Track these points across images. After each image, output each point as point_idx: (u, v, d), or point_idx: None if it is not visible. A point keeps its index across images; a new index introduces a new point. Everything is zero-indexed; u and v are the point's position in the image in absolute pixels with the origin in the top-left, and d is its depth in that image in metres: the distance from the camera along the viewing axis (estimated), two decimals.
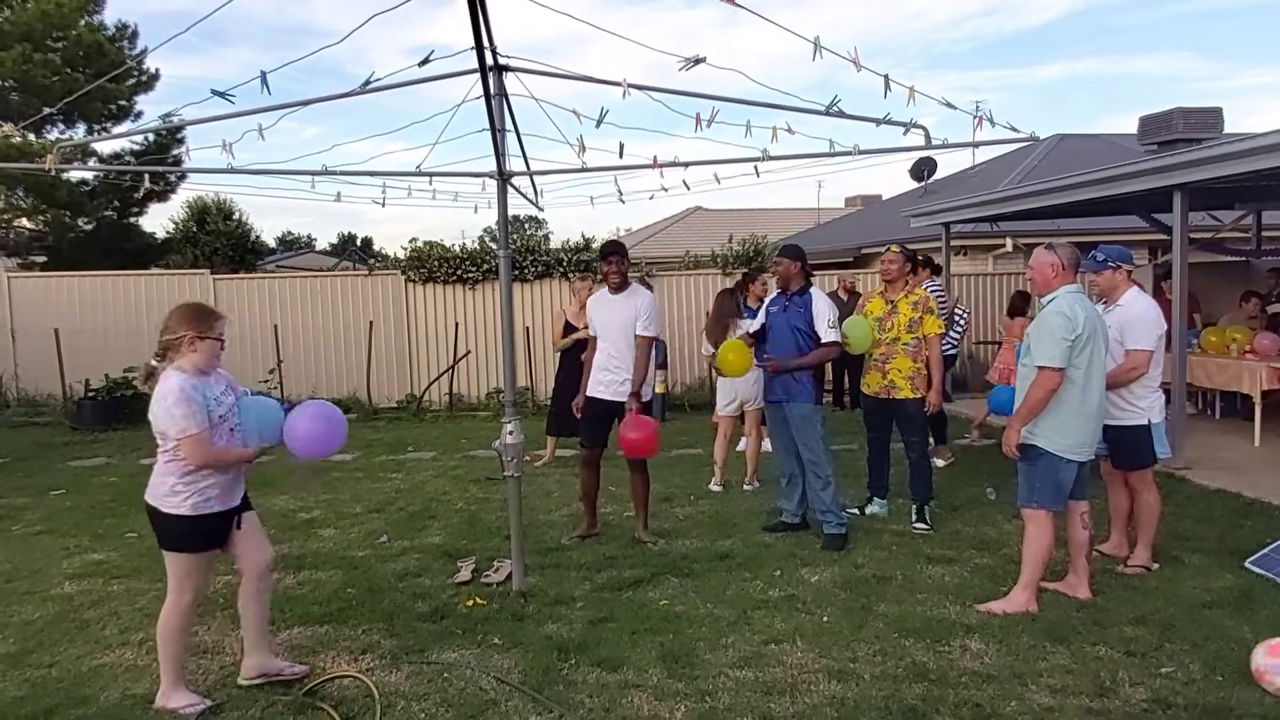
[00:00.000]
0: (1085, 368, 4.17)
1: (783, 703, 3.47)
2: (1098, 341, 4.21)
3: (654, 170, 5.20)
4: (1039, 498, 4.31)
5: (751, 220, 23.48)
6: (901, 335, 5.77)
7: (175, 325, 3.47)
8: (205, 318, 3.52)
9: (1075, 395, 4.19)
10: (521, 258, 12.89)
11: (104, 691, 3.73)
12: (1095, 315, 4.26)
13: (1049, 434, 4.25)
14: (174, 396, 3.36)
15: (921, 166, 19.62)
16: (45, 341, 11.76)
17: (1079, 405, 4.20)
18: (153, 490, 3.52)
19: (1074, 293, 4.26)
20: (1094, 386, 4.23)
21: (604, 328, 5.62)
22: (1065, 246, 4.39)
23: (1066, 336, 4.10)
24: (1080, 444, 4.26)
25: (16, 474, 8.42)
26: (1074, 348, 4.12)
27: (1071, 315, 4.13)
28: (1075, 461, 4.28)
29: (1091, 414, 4.25)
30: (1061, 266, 4.30)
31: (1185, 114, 14.96)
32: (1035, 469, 4.30)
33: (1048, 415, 4.23)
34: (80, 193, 17.23)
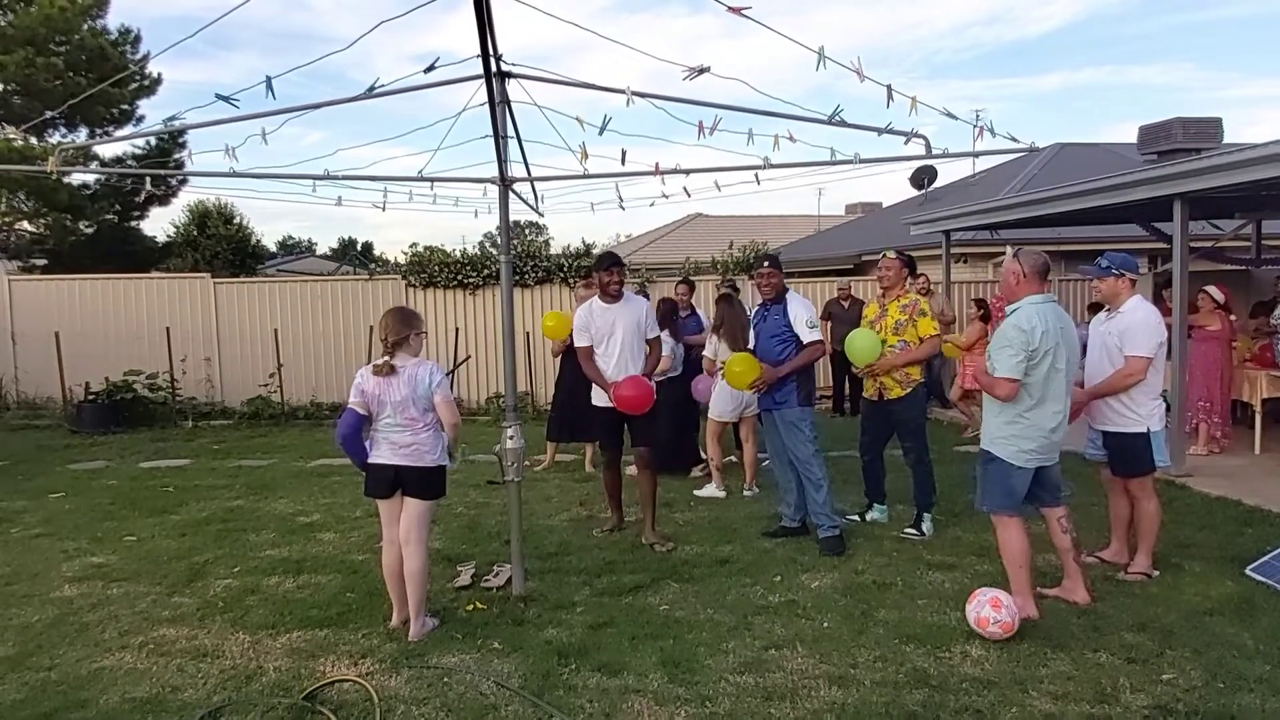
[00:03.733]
0: (1040, 380, 4.16)
1: (783, 708, 3.46)
2: (1059, 354, 4.17)
3: (655, 177, 5.23)
4: (989, 501, 4.37)
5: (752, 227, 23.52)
6: (889, 339, 5.78)
7: (400, 327, 4.26)
8: (417, 318, 4.39)
9: (1029, 403, 4.20)
10: (522, 263, 12.90)
11: (103, 695, 3.72)
12: (1058, 329, 4.19)
13: (1000, 441, 4.29)
14: (440, 371, 4.31)
15: (922, 175, 19.60)
16: (45, 344, 11.75)
17: (1032, 415, 4.21)
18: (420, 457, 4.26)
19: (1037, 303, 4.23)
20: (1051, 396, 4.20)
21: (608, 336, 5.60)
22: (1031, 254, 4.38)
23: (1021, 350, 4.11)
24: (1033, 452, 4.25)
25: (16, 477, 8.41)
26: (1029, 360, 4.12)
27: (1029, 329, 4.12)
28: (1027, 469, 4.27)
29: (1045, 424, 4.22)
30: (1024, 274, 4.29)
31: (1185, 124, 14.95)
32: (987, 473, 4.36)
33: (1001, 422, 4.28)
34: (81, 196, 17.21)
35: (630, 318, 5.61)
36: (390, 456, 4.25)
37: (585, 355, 5.71)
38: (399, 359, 4.23)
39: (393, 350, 4.23)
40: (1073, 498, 6.50)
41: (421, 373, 4.22)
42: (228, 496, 7.41)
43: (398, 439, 4.23)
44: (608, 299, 5.63)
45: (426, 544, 4.37)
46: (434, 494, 4.35)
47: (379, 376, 4.19)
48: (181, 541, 6.04)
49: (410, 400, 4.18)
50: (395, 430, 4.23)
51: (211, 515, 6.75)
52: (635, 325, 5.62)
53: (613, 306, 5.62)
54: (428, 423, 4.26)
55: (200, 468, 8.81)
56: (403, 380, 4.18)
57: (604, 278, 5.62)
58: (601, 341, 5.64)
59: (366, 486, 4.40)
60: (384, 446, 4.27)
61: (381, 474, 4.29)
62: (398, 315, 4.32)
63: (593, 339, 5.66)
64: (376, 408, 4.24)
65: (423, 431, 4.25)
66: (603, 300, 5.66)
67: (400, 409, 4.19)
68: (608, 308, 5.63)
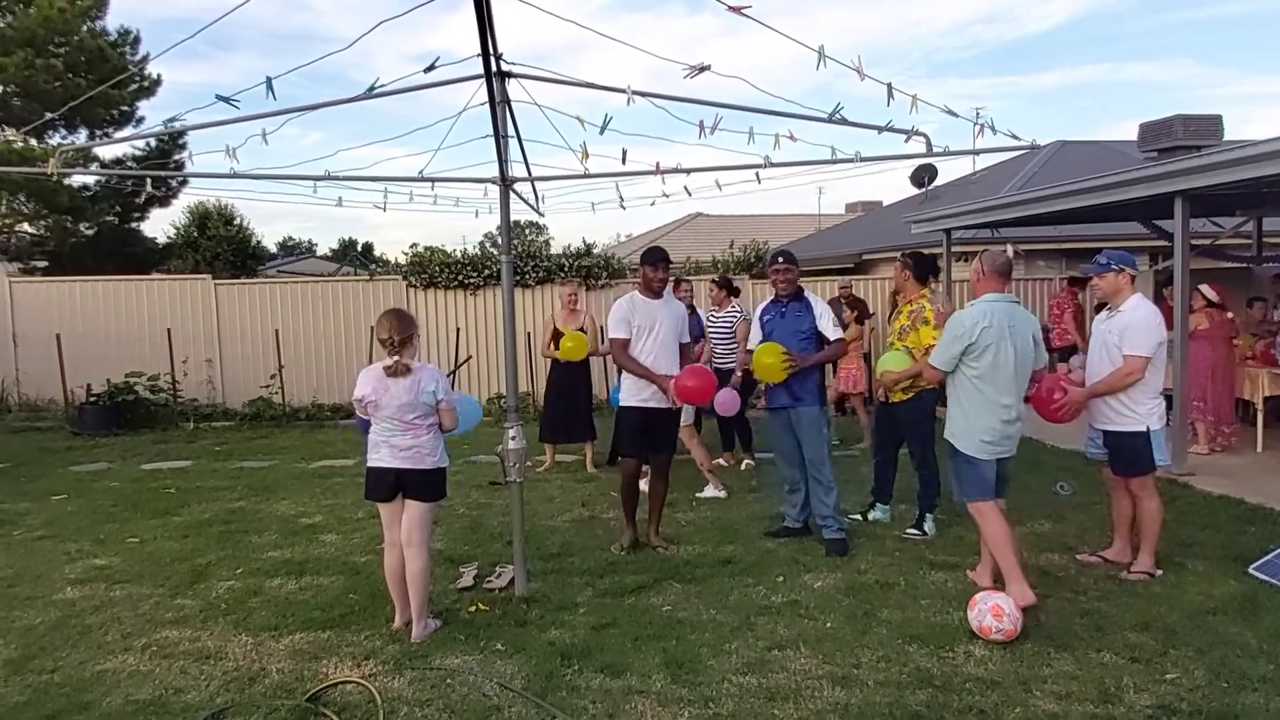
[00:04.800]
0: (985, 372, 4.46)
1: (786, 709, 3.46)
2: (1002, 350, 4.44)
3: (656, 176, 5.22)
4: (965, 492, 4.59)
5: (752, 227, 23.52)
6: (895, 343, 5.79)
7: (407, 326, 4.27)
8: (414, 319, 4.40)
9: (976, 396, 4.50)
10: (523, 263, 12.90)
11: (106, 697, 3.72)
12: (1006, 326, 4.45)
13: (959, 434, 4.57)
14: (443, 377, 4.35)
15: (922, 173, 19.60)
16: (46, 346, 11.76)
17: (984, 407, 4.48)
18: (420, 459, 4.25)
19: (989, 301, 4.54)
20: (999, 392, 4.46)
21: (649, 331, 5.51)
22: (992, 255, 4.70)
23: (957, 341, 4.47)
24: (990, 444, 4.49)
25: (18, 479, 8.41)
26: (969, 352, 4.45)
27: (969, 325, 4.44)
28: (988, 460, 4.51)
29: (996, 416, 4.47)
30: (984, 273, 4.62)
31: (1185, 121, 14.91)
32: (957, 466, 4.62)
33: (956, 413, 4.60)
34: (82, 198, 17.21)
35: (672, 316, 5.59)
36: (391, 459, 4.25)
37: (620, 347, 5.55)
38: (407, 358, 4.22)
39: (400, 350, 4.21)
40: (1075, 496, 6.55)
41: (425, 379, 4.22)
42: (230, 498, 7.41)
43: (398, 442, 4.23)
44: (649, 294, 5.60)
45: (428, 546, 4.38)
46: (435, 496, 4.35)
47: (392, 378, 4.18)
48: (184, 543, 6.03)
49: (411, 405, 4.18)
50: (395, 433, 4.23)
51: (214, 517, 6.75)
52: (676, 324, 5.59)
53: (655, 302, 5.58)
54: (428, 426, 4.26)
55: (202, 469, 8.81)
56: (407, 384, 4.17)
57: (649, 272, 5.56)
58: (641, 336, 5.53)
59: (367, 490, 4.40)
60: (384, 449, 4.26)
61: (382, 477, 4.29)
62: (399, 315, 4.31)
63: (631, 332, 5.53)
64: (374, 412, 4.24)
65: (424, 434, 4.25)
66: (644, 294, 5.61)
67: (400, 413, 4.19)
68: (650, 302, 5.58)
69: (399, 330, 4.22)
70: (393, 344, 4.22)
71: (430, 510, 4.35)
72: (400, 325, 4.24)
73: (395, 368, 4.19)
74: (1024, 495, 6.65)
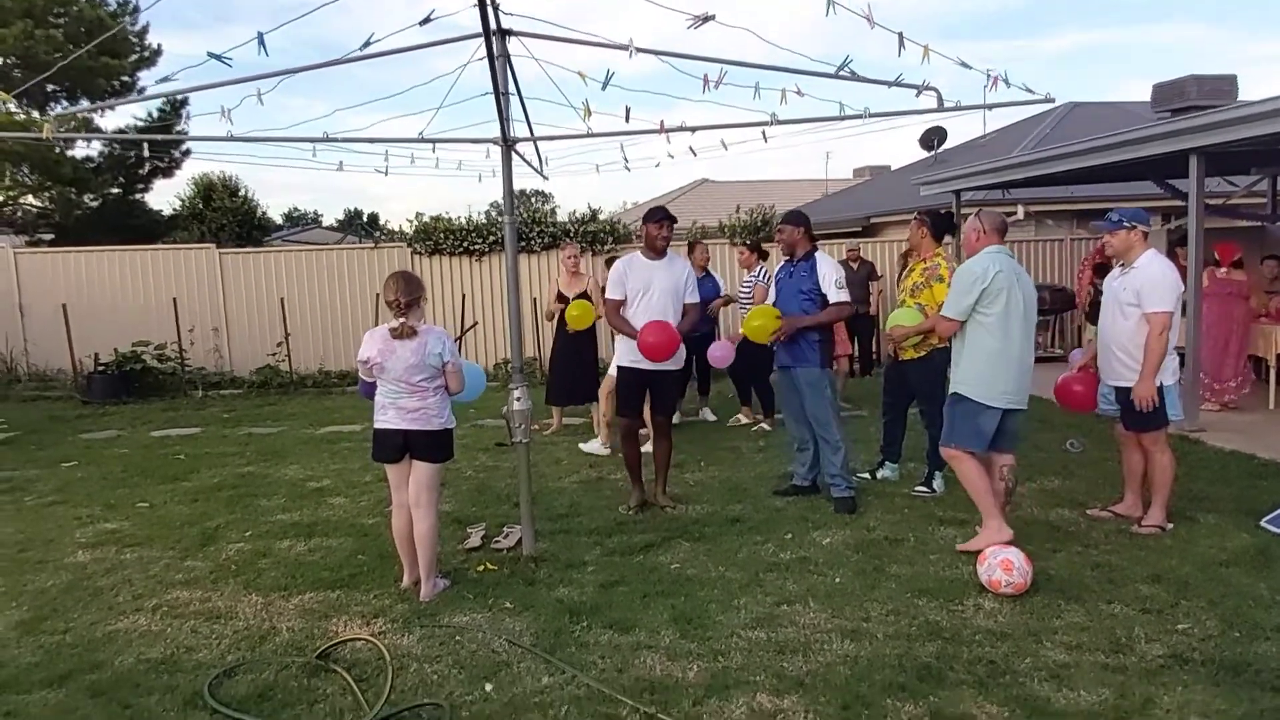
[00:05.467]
0: (999, 317, 4.50)
1: (795, 661, 3.46)
2: (1014, 294, 4.50)
3: (660, 136, 5.13)
4: (955, 438, 4.64)
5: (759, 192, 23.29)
6: (906, 300, 5.72)
7: (414, 288, 4.23)
8: (421, 282, 4.36)
9: (992, 344, 4.52)
10: (528, 229, 12.83)
11: (118, 656, 3.74)
12: (1013, 273, 4.54)
13: (970, 381, 4.59)
14: (450, 340, 4.30)
15: (931, 135, 19.41)
16: (53, 317, 11.76)
17: (998, 354, 4.52)
18: (428, 421, 4.23)
19: (992, 252, 4.61)
20: (1014, 337, 4.52)
21: (644, 293, 5.43)
22: (990, 214, 4.80)
23: (971, 289, 4.52)
24: (1001, 392, 4.53)
25: (29, 446, 8.46)
26: (983, 299, 4.50)
27: (981, 270, 4.51)
28: (996, 409, 4.54)
29: (1013, 363, 4.53)
30: (984, 231, 4.71)
31: (1199, 81, 14.65)
32: (955, 411, 4.64)
33: (970, 363, 4.60)
34: (85, 169, 17.17)
35: (670, 278, 5.46)
36: (398, 421, 4.23)
37: (613, 309, 5.53)
38: (413, 320, 4.19)
39: (406, 312, 4.17)
40: (1085, 453, 6.52)
41: (431, 341, 4.19)
42: (238, 463, 7.43)
43: (405, 404, 4.21)
44: (652, 254, 5.51)
45: (436, 506, 4.37)
46: (442, 457, 4.34)
47: (398, 339, 4.15)
48: (193, 507, 6.06)
49: (417, 368, 4.16)
50: (402, 395, 4.20)
51: (223, 481, 6.77)
52: (673, 286, 5.47)
53: (654, 263, 5.49)
54: (435, 388, 4.24)
55: (211, 435, 8.84)
56: (413, 346, 4.14)
57: (652, 230, 5.46)
58: (636, 298, 5.46)
59: (374, 451, 4.38)
60: (391, 411, 4.24)
61: (389, 439, 4.27)
62: (407, 277, 4.27)
63: (626, 293, 5.48)
64: (380, 375, 4.22)
65: (430, 396, 4.23)
66: (645, 255, 5.54)
67: (406, 375, 4.16)
68: (649, 263, 5.50)
69: (405, 292, 4.17)
70: (399, 306, 4.17)
71: (438, 471, 4.34)
72: (407, 287, 4.20)
73: (401, 329, 4.15)
74: (1034, 453, 6.64)
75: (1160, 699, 3.05)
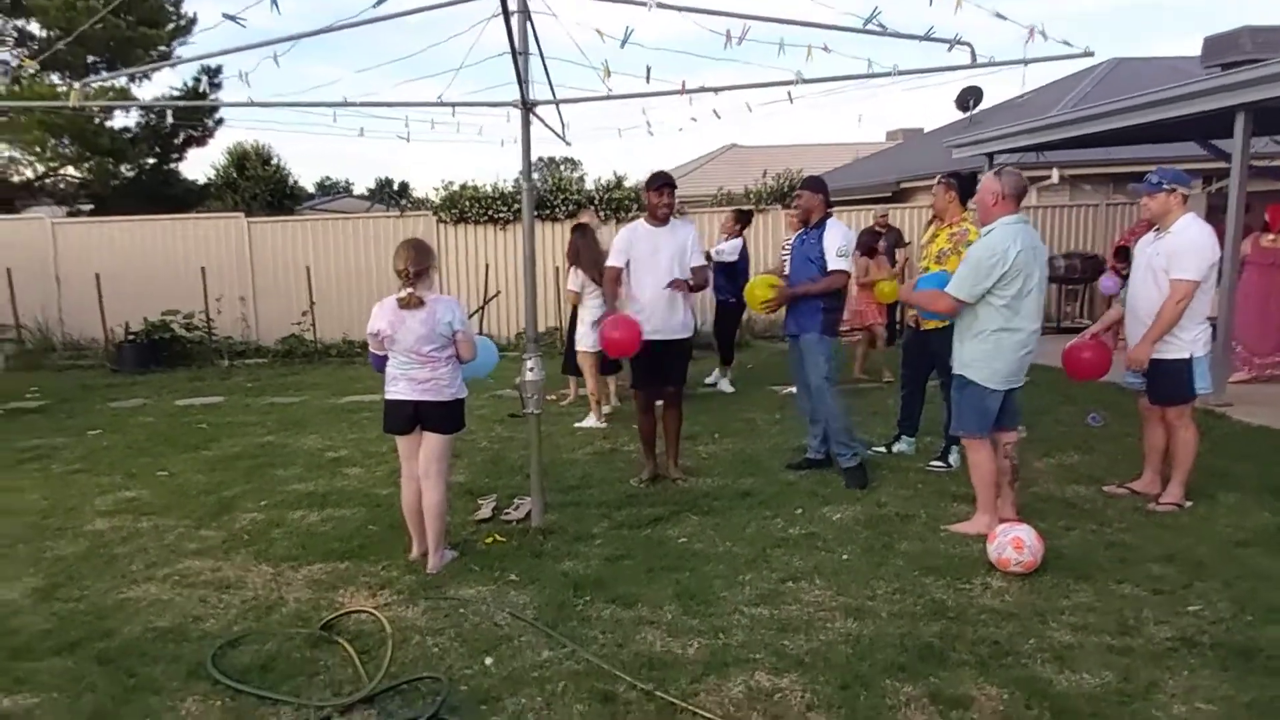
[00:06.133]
0: (1012, 301, 4.25)
1: (797, 640, 3.42)
2: (1033, 274, 4.24)
3: (683, 99, 5.00)
4: (964, 425, 4.50)
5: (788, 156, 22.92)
6: (930, 266, 5.57)
7: (422, 257, 4.19)
8: (432, 250, 4.31)
9: (1001, 326, 4.30)
10: (552, 196, 12.75)
11: (127, 625, 3.80)
12: (1031, 248, 4.25)
13: (976, 364, 4.38)
14: (461, 308, 4.27)
15: (967, 96, 18.93)
16: (87, 286, 11.96)
17: (1005, 337, 4.30)
18: (439, 391, 4.22)
19: (1010, 224, 4.29)
20: (1024, 319, 4.29)
21: (650, 261, 5.34)
22: (1011, 174, 4.40)
23: (990, 273, 4.19)
24: (1007, 375, 4.37)
25: (59, 415, 8.63)
26: (1000, 282, 4.21)
27: (1002, 250, 4.18)
28: (1001, 390, 4.38)
29: (1019, 346, 4.33)
30: (1002, 195, 4.32)
31: (1254, 33, 14.01)
32: (962, 397, 4.46)
33: (976, 344, 4.37)
34: (122, 140, 17.37)
35: (675, 244, 5.36)
36: (409, 392, 4.21)
37: (612, 276, 5.45)
38: (422, 290, 4.15)
39: (414, 282, 4.13)
40: (1106, 427, 6.36)
41: (441, 310, 4.15)
42: (259, 433, 7.52)
43: (416, 374, 4.19)
44: (655, 222, 5.41)
45: (446, 478, 4.37)
46: (453, 428, 4.32)
47: (405, 309, 4.12)
48: (211, 476, 6.14)
49: (427, 338, 4.12)
50: (413, 366, 4.18)
51: (242, 451, 6.86)
52: (679, 252, 5.36)
53: (659, 230, 5.39)
54: (446, 358, 4.21)
55: (234, 405, 8.95)
56: (423, 316, 4.11)
57: (653, 198, 5.36)
58: (641, 267, 5.37)
59: (385, 422, 4.39)
60: (402, 382, 4.23)
61: (400, 409, 4.26)
62: (417, 246, 4.22)
63: (631, 261, 5.39)
64: (390, 346, 4.20)
65: (441, 366, 4.20)
66: (649, 223, 5.43)
67: (417, 346, 4.14)
68: (653, 230, 5.40)
69: (414, 262, 4.14)
70: (407, 275, 4.14)
71: (448, 442, 4.33)
72: (416, 256, 4.15)
73: (409, 300, 4.11)
74: (1055, 427, 6.51)
75: (1165, 683, 2.98)
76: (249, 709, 3.13)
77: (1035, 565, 3.85)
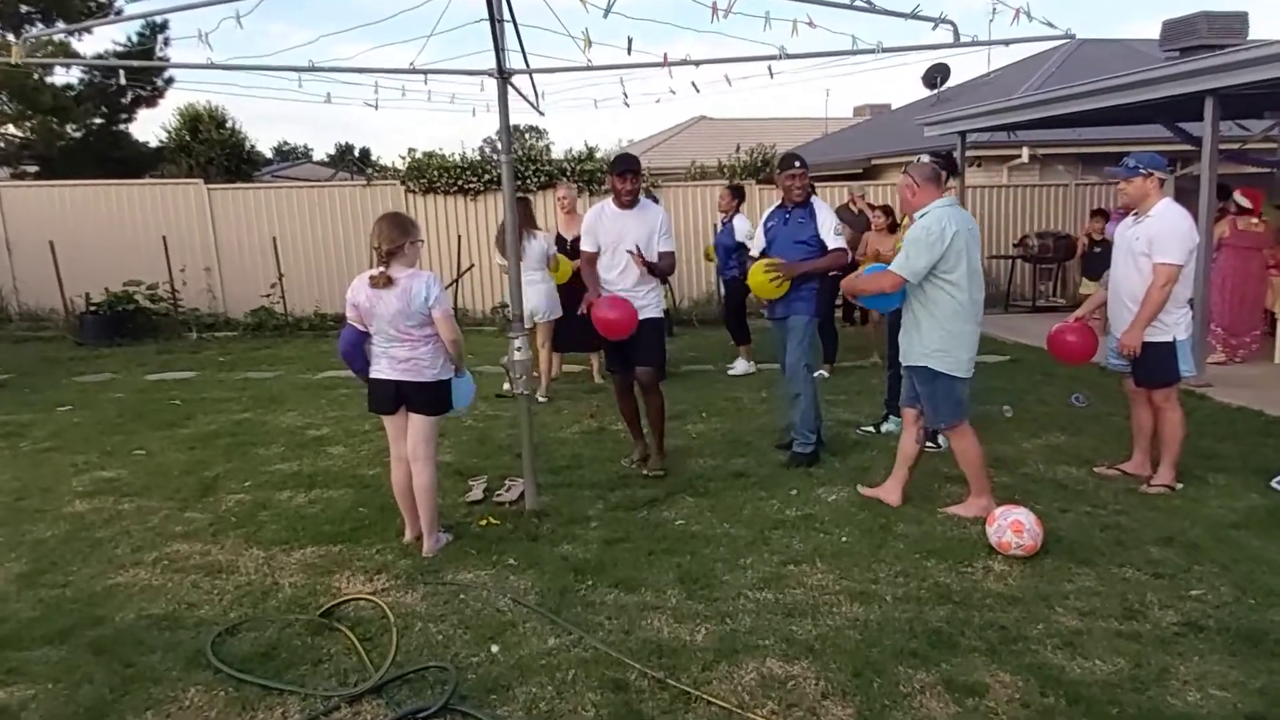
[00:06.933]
0: (961, 280, 4.28)
1: (805, 625, 3.43)
2: (972, 254, 4.31)
3: (663, 71, 4.90)
4: (942, 417, 4.50)
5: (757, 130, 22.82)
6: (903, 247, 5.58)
7: (397, 234, 4.03)
8: (413, 225, 4.15)
9: (958, 310, 4.32)
10: (524, 167, 12.56)
11: (119, 612, 3.70)
12: (969, 230, 4.32)
13: (939, 355, 4.37)
14: (438, 285, 4.08)
15: (934, 73, 18.97)
16: (41, 253, 11.53)
17: (964, 319, 4.33)
18: (420, 372, 4.11)
19: (945, 206, 4.35)
20: (972, 302, 4.35)
21: (616, 245, 5.23)
22: (919, 166, 4.46)
23: (930, 249, 4.22)
24: (971, 359, 4.42)
25: (23, 390, 8.35)
26: (942, 263, 4.24)
27: (939, 230, 4.22)
28: (969, 376, 4.43)
29: (976, 330, 4.40)
30: (916, 186, 4.41)
31: (1210, 18, 14.28)
32: (934, 390, 4.44)
33: (934, 332, 4.36)
34: (66, 97, 16.66)
35: (642, 228, 5.21)
36: (390, 371, 4.12)
37: (587, 261, 5.34)
38: (395, 269, 4.01)
39: (388, 260, 4.00)
40: (1090, 408, 6.47)
41: (417, 286, 4.00)
42: (235, 409, 7.35)
43: (396, 353, 4.09)
44: (620, 205, 5.27)
45: (434, 459, 4.29)
46: (438, 409, 4.23)
47: (375, 289, 4.00)
48: (191, 455, 5.99)
49: (404, 314, 4.00)
50: (393, 344, 4.08)
51: (220, 429, 6.70)
52: (646, 236, 5.22)
53: (625, 213, 5.25)
54: (425, 336, 4.09)
55: (206, 380, 8.74)
56: (396, 293, 3.99)
57: (617, 184, 5.20)
58: (608, 250, 5.26)
59: (370, 402, 4.29)
60: (383, 361, 4.13)
61: (383, 389, 4.17)
62: (392, 221, 4.07)
63: (599, 245, 5.28)
64: (370, 321, 4.08)
65: (421, 346, 4.09)
66: (616, 205, 5.29)
67: (394, 323, 4.02)
68: (620, 213, 5.26)
69: (388, 239, 4.00)
70: (379, 253, 4.02)
71: (434, 424, 4.25)
72: (389, 234, 4.01)
73: (378, 279, 3.99)
74: (1039, 407, 6.60)
75: (1176, 669, 3.03)
76: (254, 699, 3.06)
77: (1035, 549, 3.91)
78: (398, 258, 4.02)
